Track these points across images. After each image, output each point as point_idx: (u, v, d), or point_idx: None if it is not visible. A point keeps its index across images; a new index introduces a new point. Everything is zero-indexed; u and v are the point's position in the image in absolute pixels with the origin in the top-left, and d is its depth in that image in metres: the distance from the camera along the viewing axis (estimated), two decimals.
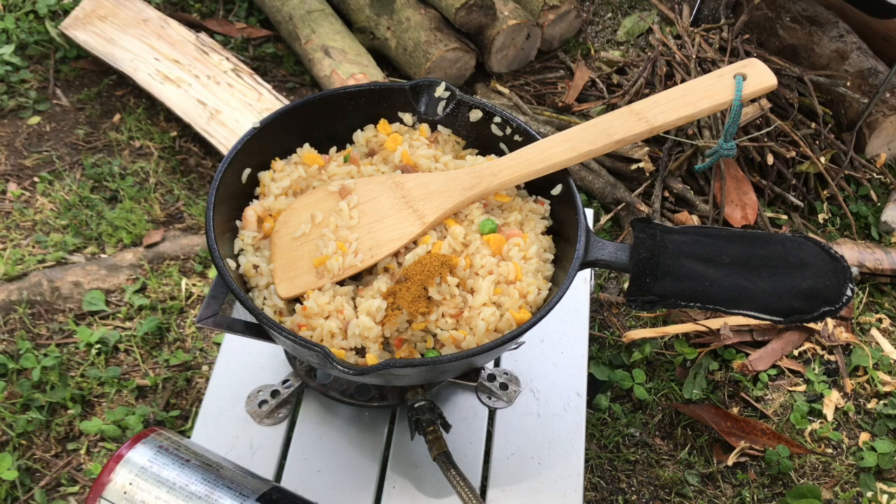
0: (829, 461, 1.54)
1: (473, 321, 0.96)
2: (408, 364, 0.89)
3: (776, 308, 0.85)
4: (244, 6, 2.39)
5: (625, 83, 2.15)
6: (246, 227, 1.06)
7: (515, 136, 1.11)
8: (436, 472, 1.07)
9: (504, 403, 1.21)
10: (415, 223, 1.00)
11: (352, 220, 1.02)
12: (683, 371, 1.64)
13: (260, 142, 1.09)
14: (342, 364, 0.86)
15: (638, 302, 0.89)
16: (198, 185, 1.94)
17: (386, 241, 1.00)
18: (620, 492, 1.48)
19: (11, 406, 1.51)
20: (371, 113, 1.16)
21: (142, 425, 1.49)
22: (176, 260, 1.78)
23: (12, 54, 2.16)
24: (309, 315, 0.97)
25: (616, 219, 1.91)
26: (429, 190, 1.02)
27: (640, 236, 0.89)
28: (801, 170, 1.97)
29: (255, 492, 0.93)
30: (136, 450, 0.94)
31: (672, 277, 0.87)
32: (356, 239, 1.01)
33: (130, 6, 2.20)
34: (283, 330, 0.91)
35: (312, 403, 1.19)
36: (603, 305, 1.75)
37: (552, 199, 1.08)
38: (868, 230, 1.95)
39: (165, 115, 2.07)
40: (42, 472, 1.45)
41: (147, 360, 1.61)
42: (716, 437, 1.54)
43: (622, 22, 2.44)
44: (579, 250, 0.97)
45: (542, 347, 1.28)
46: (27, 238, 1.80)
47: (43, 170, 1.94)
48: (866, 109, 2.00)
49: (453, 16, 2.09)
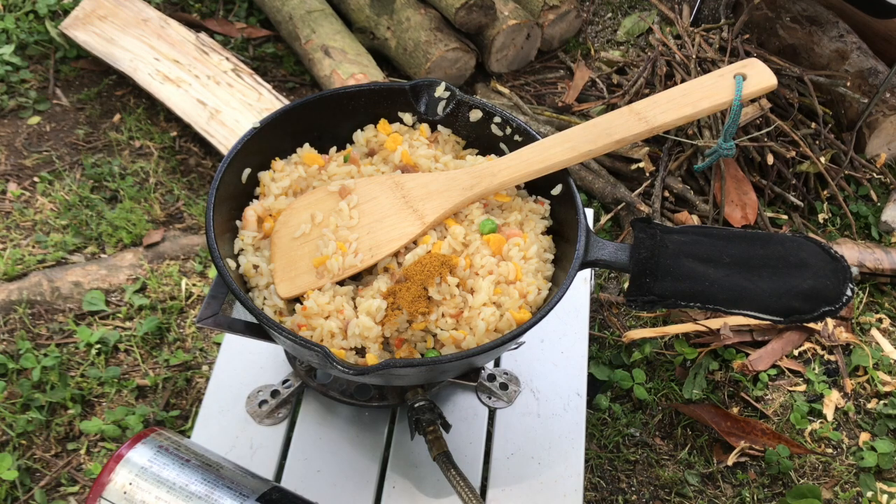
0: (829, 461, 1.54)
1: (473, 321, 0.96)
2: (408, 364, 0.89)
3: (776, 308, 0.85)
4: (244, 6, 2.39)
5: (625, 83, 2.15)
6: (246, 227, 1.06)
7: (515, 136, 1.11)
8: (436, 472, 1.07)
9: (504, 403, 1.21)
10: (415, 223, 1.00)
11: (352, 220, 1.02)
12: (683, 371, 1.64)
13: (260, 142, 1.09)
14: (342, 364, 0.86)
15: (638, 302, 0.89)
16: (198, 185, 1.94)
17: (386, 241, 1.00)
18: (620, 492, 1.48)
19: (11, 406, 1.51)
20: (371, 113, 1.16)
21: (142, 425, 1.49)
22: (176, 260, 1.78)
23: (12, 54, 2.16)
24: (309, 315, 0.97)
25: (616, 219, 1.91)
26: (429, 190, 1.02)
27: (640, 236, 0.90)
28: (801, 170, 1.97)
29: (255, 492, 0.93)
30: (136, 450, 0.94)
31: (672, 277, 0.87)
32: (356, 239, 1.01)
33: (130, 6, 2.20)
34: (283, 330, 0.91)
35: (312, 403, 1.19)
36: (603, 305, 1.75)
37: (552, 199, 1.08)
38: (868, 230, 1.95)
39: (165, 115, 2.07)
40: (42, 472, 1.45)
41: (147, 360, 1.61)
42: (716, 437, 1.55)
43: (622, 22, 2.44)
44: (579, 250, 0.97)
45: (542, 347, 1.28)
46: (27, 238, 1.80)
47: (43, 170, 1.94)
48: (866, 109, 2.00)
49: (453, 16, 2.09)
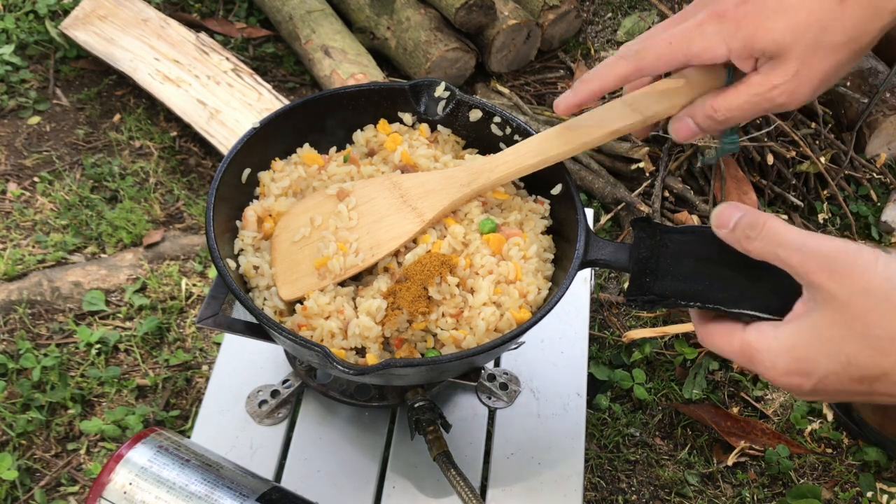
0: (829, 461, 1.54)
1: (473, 321, 0.96)
2: (408, 364, 0.89)
3: (776, 307, 0.85)
4: (244, 6, 2.39)
5: None
6: (246, 228, 1.06)
7: (515, 136, 1.11)
8: (436, 472, 1.07)
9: (504, 403, 1.21)
10: (414, 221, 1.00)
11: (351, 222, 1.02)
12: (683, 371, 1.64)
13: (260, 142, 1.09)
14: (342, 364, 0.86)
15: (638, 301, 0.89)
16: (198, 185, 1.94)
17: (386, 240, 1.00)
18: (620, 492, 1.48)
19: (11, 406, 1.51)
20: (371, 113, 1.16)
21: (142, 425, 1.49)
22: (176, 260, 1.78)
23: (12, 54, 2.16)
24: (309, 315, 0.97)
25: (616, 219, 1.91)
26: (426, 189, 1.02)
27: (640, 235, 0.89)
28: (801, 170, 1.97)
29: (255, 492, 0.93)
30: (136, 450, 0.94)
31: (672, 277, 0.86)
32: (356, 239, 1.01)
33: (130, 6, 2.20)
34: (283, 330, 0.91)
35: (312, 403, 1.19)
36: (603, 305, 1.75)
37: (552, 199, 1.08)
38: (868, 230, 1.96)
39: (165, 115, 2.07)
40: (42, 472, 1.45)
41: (147, 360, 1.61)
42: (716, 437, 1.55)
43: (622, 22, 2.44)
44: (579, 250, 0.97)
45: (542, 347, 1.28)
46: (27, 238, 1.80)
47: (43, 170, 1.94)
48: (866, 109, 2.00)
49: (453, 16, 2.09)
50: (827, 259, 0.70)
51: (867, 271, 0.69)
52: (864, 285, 0.68)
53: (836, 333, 0.69)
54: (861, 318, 0.68)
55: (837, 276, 0.69)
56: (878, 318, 0.68)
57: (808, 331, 0.72)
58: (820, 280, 0.70)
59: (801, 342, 0.72)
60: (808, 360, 0.71)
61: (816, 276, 0.70)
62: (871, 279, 0.68)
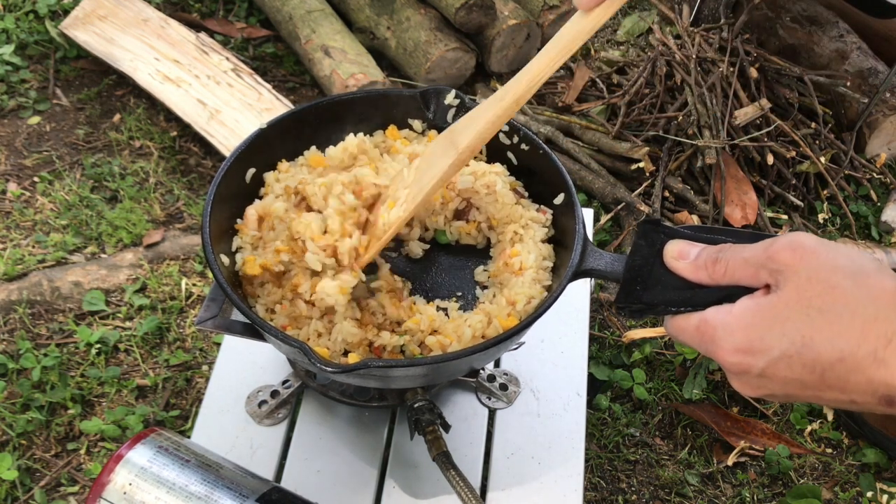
0: (829, 461, 1.54)
1: (460, 328, 0.97)
2: (386, 364, 0.89)
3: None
4: (244, 6, 2.39)
5: (625, 83, 2.15)
6: (246, 225, 1.06)
7: (522, 144, 1.12)
8: (436, 472, 1.07)
9: (504, 404, 1.21)
10: (449, 153, 0.97)
11: (408, 180, 1.01)
12: (683, 371, 1.64)
13: (266, 143, 1.09)
14: (320, 361, 0.86)
15: (626, 311, 0.88)
16: (198, 185, 1.94)
17: (427, 182, 0.98)
18: (620, 492, 1.48)
19: (11, 406, 1.51)
20: (380, 119, 1.16)
21: (142, 425, 1.49)
22: (176, 260, 1.78)
23: (12, 54, 2.16)
24: (297, 315, 0.98)
25: (616, 219, 1.91)
26: (470, 118, 0.97)
27: (639, 242, 0.88)
28: (801, 170, 1.97)
29: (255, 492, 0.93)
30: (136, 450, 0.94)
31: (662, 286, 0.84)
32: (406, 193, 1.00)
33: (130, 6, 2.20)
34: (268, 328, 0.91)
35: (312, 404, 1.19)
36: (603, 305, 1.75)
37: (555, 209, 1.09)
38: (868, 230, 1.96)
39: (165, 115, 2.07)
40: (42, 472, 1.45)
41: (147, 360, 1.61)
42: (716, 437, 1.55)
43: (622, 22, 2.44)
44: (573, 260, 0.97)
45: (542, 347, 1.28)
46: (27, 238, 1.80)
47: (43, 170, 1.94)
48: (866, 109, 2.00)
49: (453, 16, 2.09)
50: (792, 241, 0.70)
51: (833, 250, 0.69)
52: (830, 263, 0.68)
53: (794, 312, 0.68)
54: (823, 296, 0.67)
55: (801, 252, 0.69)
56: (841, 295, 0.67)
57: (767, 309, 0.71)
58: (783, 257, 0.70)
59: (758, 320, 0.71)
60: (762, 339, 0.70)
61: (781, 254, 0.70)
62: (836, 258, 0.69)
